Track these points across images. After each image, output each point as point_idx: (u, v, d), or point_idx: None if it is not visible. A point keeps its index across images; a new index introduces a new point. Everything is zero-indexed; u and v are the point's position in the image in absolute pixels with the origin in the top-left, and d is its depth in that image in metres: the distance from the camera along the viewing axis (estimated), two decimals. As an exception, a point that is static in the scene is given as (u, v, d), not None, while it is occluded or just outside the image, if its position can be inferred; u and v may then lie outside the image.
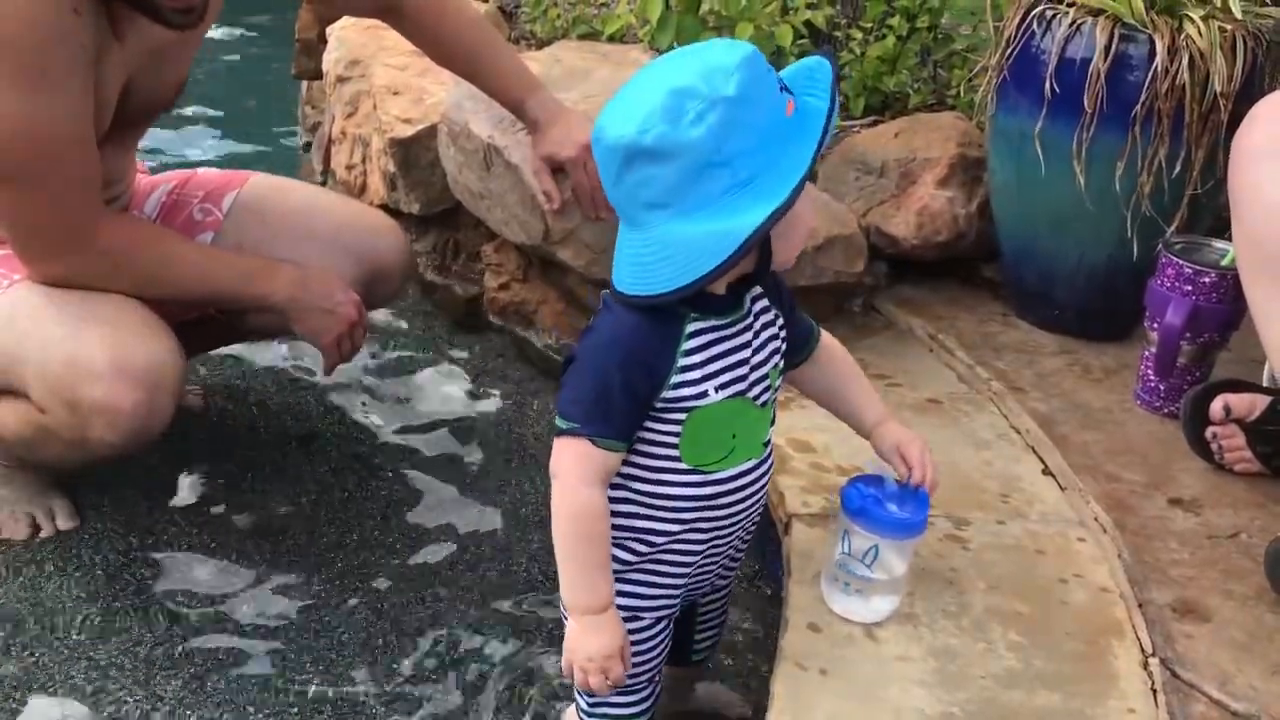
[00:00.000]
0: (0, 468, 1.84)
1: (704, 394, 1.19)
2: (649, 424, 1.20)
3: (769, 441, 1.30)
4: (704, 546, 1.28)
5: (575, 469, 1.17)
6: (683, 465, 1.22)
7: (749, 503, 1.29)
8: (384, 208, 2.68)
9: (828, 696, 1.31)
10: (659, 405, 1.19)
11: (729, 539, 1.31)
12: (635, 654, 1.28)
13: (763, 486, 1.30)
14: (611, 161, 1.12)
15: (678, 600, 1.33)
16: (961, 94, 2.57)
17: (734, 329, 1.22)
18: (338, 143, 2.84)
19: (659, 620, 1.32)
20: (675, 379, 1.18)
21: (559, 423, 1.18)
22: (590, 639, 1.19)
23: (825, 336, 1.38)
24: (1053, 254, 2.07)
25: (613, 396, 1.16)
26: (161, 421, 1.63)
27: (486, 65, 1.93)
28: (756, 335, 1.24)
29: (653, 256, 1.12)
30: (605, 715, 1.34)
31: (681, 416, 1.19)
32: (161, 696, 1.58)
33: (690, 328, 1.18)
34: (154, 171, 2.05)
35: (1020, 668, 1.37)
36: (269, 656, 1.66)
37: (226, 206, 1.90)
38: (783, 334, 1.29)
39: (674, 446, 1.21)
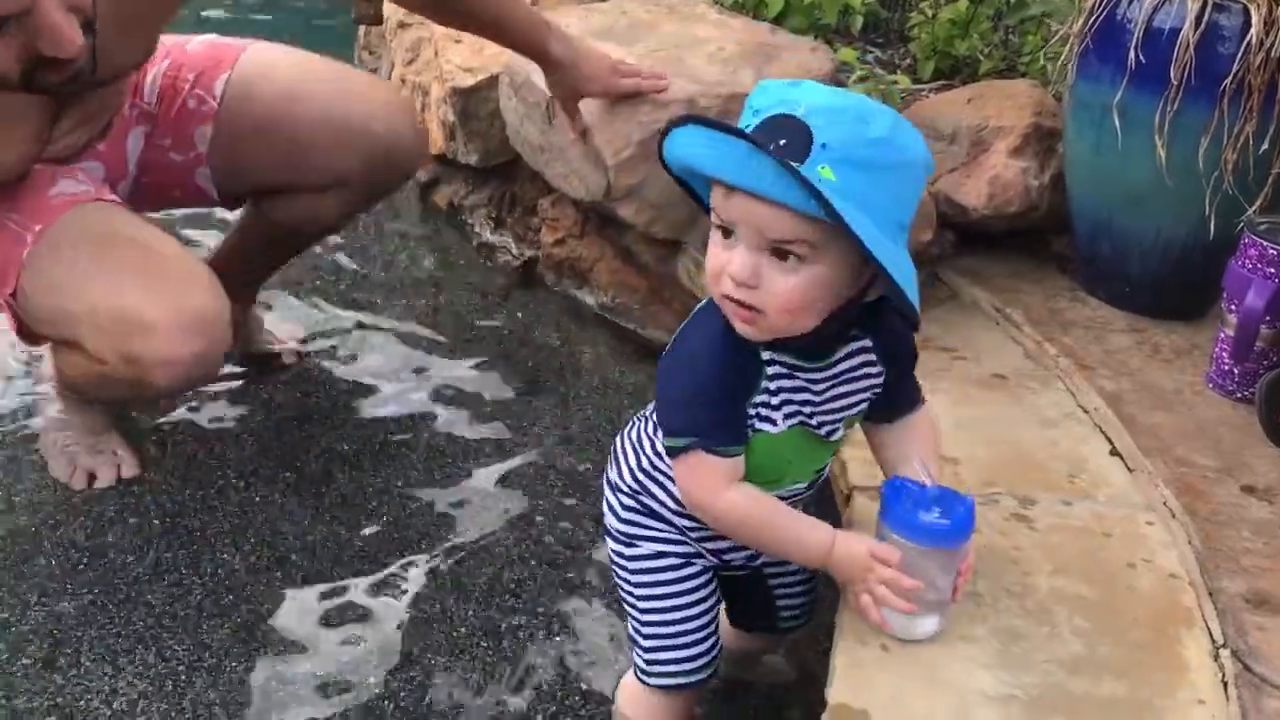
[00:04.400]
0: (74, 400, 1.85)
1: (773, 421, 1.18)
2: None
3: (824, 469, 1.29)
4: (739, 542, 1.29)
5: (709, 486, 1.16)
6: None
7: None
8: (441, 158, 2.66)
9: (888, 674, 1.28)
10: (756, 409, 1.18)
11: None
12: (684, 603, 1.29)
13: (804, 505, 1.29)
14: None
15: (729, 558, 1.32)
16: (1035, 61, 2.51)
17: (812, 372, 1.20)
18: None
19: (706, 570, 1.31)
20: (756, 398, 1.17)
21: (671, 442, 1.16)
22: (846, 569, 1.20)
23: (922, 411, 1.33)
24: (1127, 229, 2.01)
25: (721, 403, 1.15)
26: (219, 362, 1.63)
27: (507, 20, 1.88)
28: (841, 380, 1.22)
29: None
30: (663, 673, 1.33)
31: (749, 437, 1.18)
32: (208, 645, 1.58)
33: (765, 354, 1.17)
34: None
35: (1086, 654, 1.34)
36: (316, 607, 1.66)
37: (219, 92, 1.83)
38: (877, 388, 1.26)
39: None
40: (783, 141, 1.02)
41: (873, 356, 1.24)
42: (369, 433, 2.02)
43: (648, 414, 1.31)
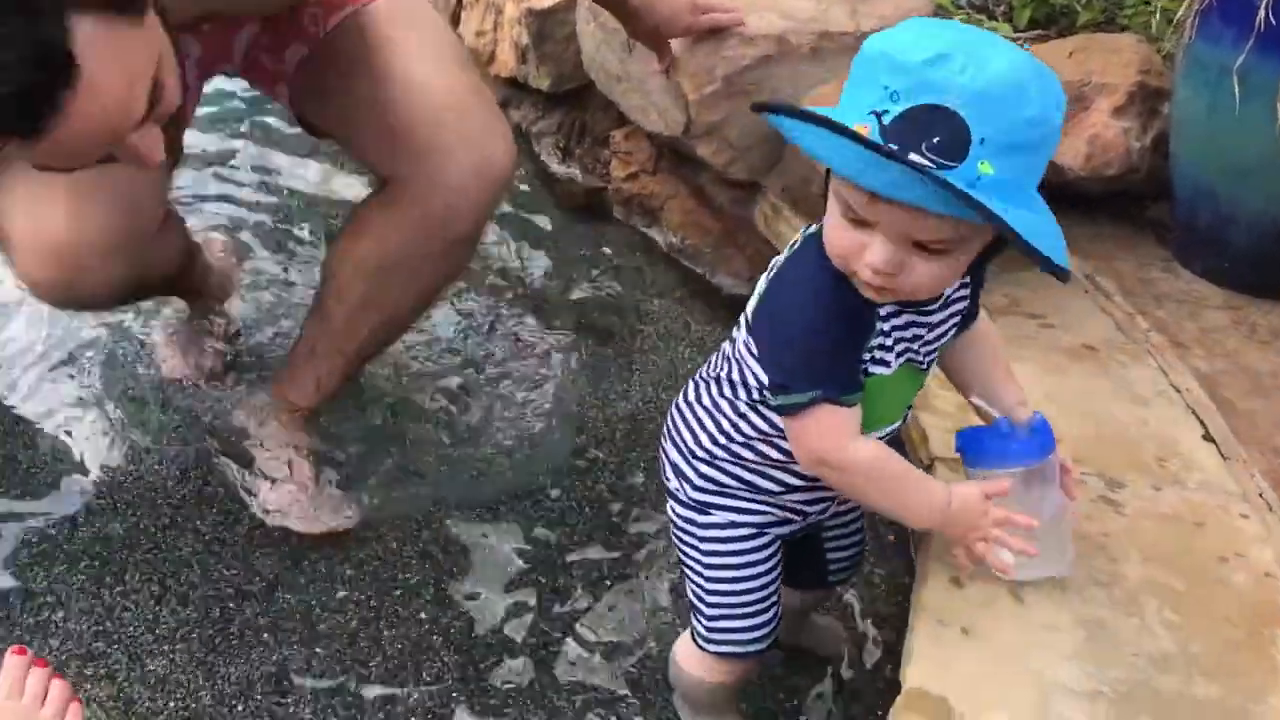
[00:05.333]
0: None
1: (886, 364, 1.13)
2: None
3: (912, 404, 1.25)
4: (831, 493, 1.24)
5: (834, 440, 1.12)
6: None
7: None
8: (511, 81, 2.58)
9: (968, 658, 1.22)
10: (866, 353, 1.12)
11: None
12: (752, 574, 1.26)
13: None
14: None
15: (798, 529, 1.29)
16: (1138, 15, 2.39)
17: (928, 315, 1.15)
18: (469, 8, 2.73)
19: (777, 539, 1.27)
20: (872, 341, 1.11)
21: (789, 399, 1.11)
22: (964, 518, 1.16)
23: (983, 319, 1.28)
24: (1234, 200, 1.91)
25: (838, 353, 1.09)
26: (95, 295, 1.52)
27: None
28: (944, 307, 1.17)
29: None
30: (724, 640, 1.29)
31: (861, 380, 1.13)
32: (259, 572, 1.55)
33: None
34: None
35: (1175, 650, 1.27)
36: (370, 535, 1.62)
37: (332, 22, 1.62)
38: (965, 310, 1.21)
39: None
40: (936, 140, 0.94)
41: (966, 279, 1.18)
42: (422, 366, 1.96)
43: (711, 375, 1.25)
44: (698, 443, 1.24)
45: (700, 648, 1.31)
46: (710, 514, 1.26)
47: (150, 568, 1.54)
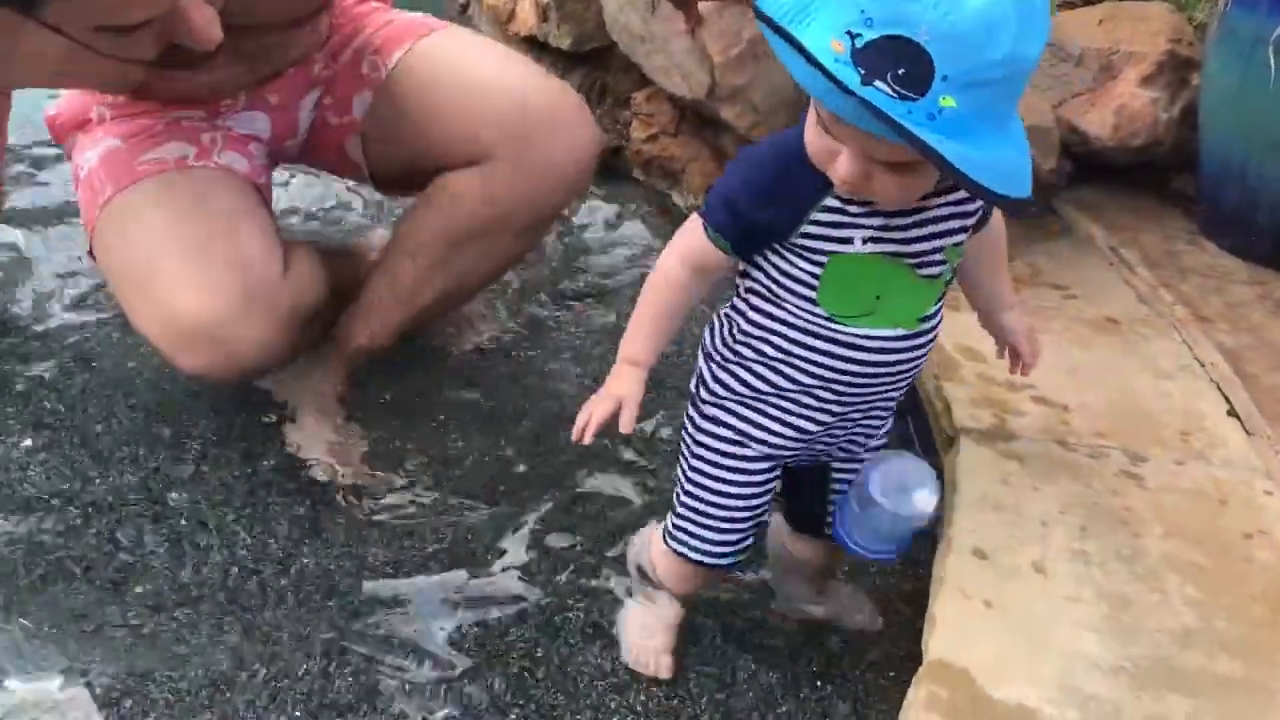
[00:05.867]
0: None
1: (848, 240, 1.13)
2: (793, 258, 1.15)
3: (931, 318, 1.20)
4: (834, 405, 1.22)
5: (679, 242, 1.20)
6: (820, 312, 1.16)
7: (891, 373, 1.20)
8: (530, 40, 2.55)
9: (992, 631, 1.22)
10: (802, 240, 1.13)
11: (865, 405, 1.23)
12: (730, 489, 1.27)
13: (912, 363, 1.21)
14: None
15: (794, 450, 1.27)
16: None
17: (897, 216, 1.13)
18: (488, -36, 2.69)
19: (767, 459, 1.27)
20: (822, 216, 1.12)
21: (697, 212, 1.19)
22: (611, 382, 1.24)
23: (995, 221, 1.27)
24: (1262, 174, 1.89)
25: (741, 196, 1.13)
26: (256, 358, 1.50)
27: None
28: (933, 219, 1.14)
29: None
30: (682, 543, 1.32)
31: (823, 259, 1.13)
32: (275, 534, 1.54)
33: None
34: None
35: (1199, 627, 1.27)
36: (391, 496, 1.62)
37: (394, 60, 1.68)
38: (973, 215, 1.18)
39: (813, 289, 1.15)
40: (901, 71, 0.95)
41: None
42: (445, 333, 1.96)
43: (743, 288, 1.26)
44: (714, 344, 1.27)
45: (663, 540, 1.34)
46: (709, 413, 1.27)
47: (168, 526, 1.53)
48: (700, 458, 1.28)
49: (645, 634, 1.40)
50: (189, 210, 1.50)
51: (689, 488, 1.30)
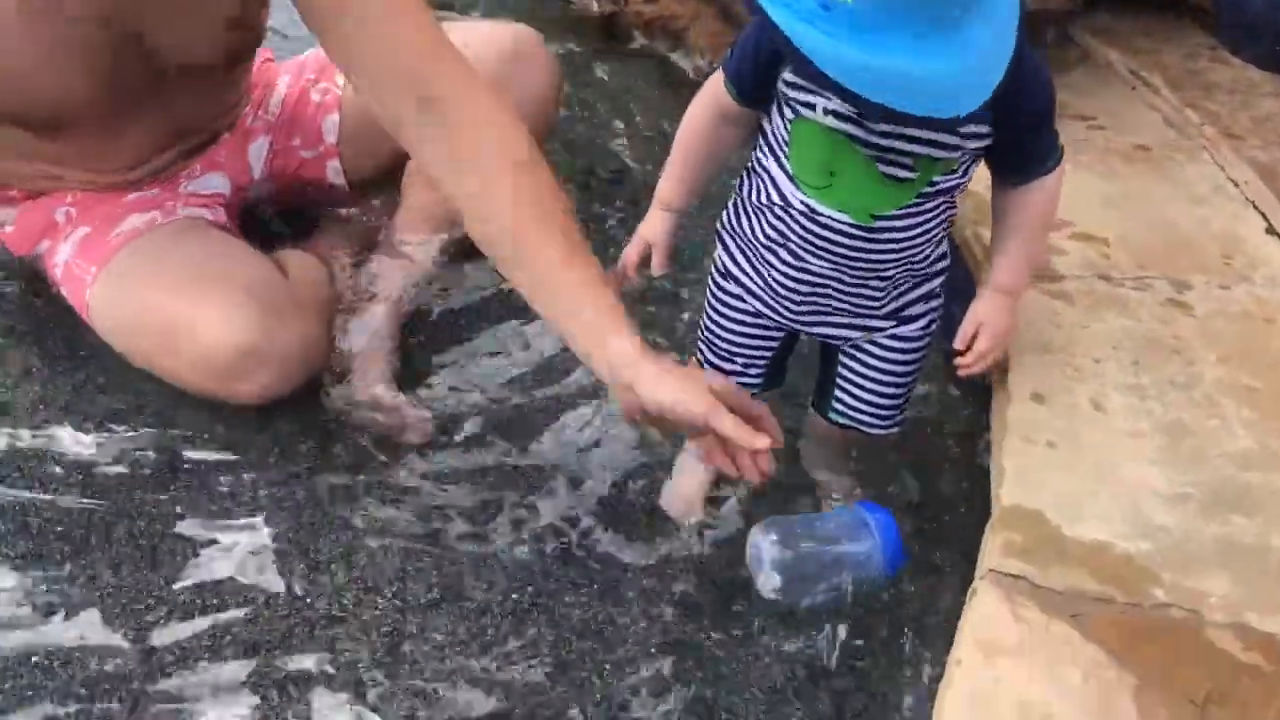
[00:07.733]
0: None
1: (811, 105, 1.14)
2: (776, 115, 1.20)
3: (892, 221, 1.18)
4: (799, 274, 1.24)
5: (704, 91, 1.28)
6: (789, 169, 1.20)
7: (849, 263, 1.21)
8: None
9: (1057, 472, 1.24)
10: (784, 91, 1.17)
11: (838, 285, 1.24)
12: (717, 312, 1.35)
13: (873, 264, 1.21)
14: None
15: (779, 308, 1.29)
16: None
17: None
18: None
19: (775, 329, 1.34)
20: (787, 75, 1.16)
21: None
22: (642, 226, 1.37)
23: (1042, 183, 1.21)
24: (1286, -20, 1.85)
25: (749, 56, 1.20)
26: (305, 361, 1.48)
27: None
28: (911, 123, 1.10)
29: None
30: (704, 356, 1.40)
31: (792, 116, 1.17)
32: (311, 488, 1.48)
33: None
34: None
35: (1256, 448, 1.29)
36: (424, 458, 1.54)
37: (341, 79, 1.68)
38: (976, 148, 1.15)
39: (786, 145, 1.20)
40: None
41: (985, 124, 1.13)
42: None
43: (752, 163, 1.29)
44: (728, 213, 1.33)
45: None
46: (723, 266, 1.34)
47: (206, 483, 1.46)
48: (712, 307, 1.36)
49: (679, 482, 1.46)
50: (175, 255, 1.50)
51: (706, 311, 1.38)
